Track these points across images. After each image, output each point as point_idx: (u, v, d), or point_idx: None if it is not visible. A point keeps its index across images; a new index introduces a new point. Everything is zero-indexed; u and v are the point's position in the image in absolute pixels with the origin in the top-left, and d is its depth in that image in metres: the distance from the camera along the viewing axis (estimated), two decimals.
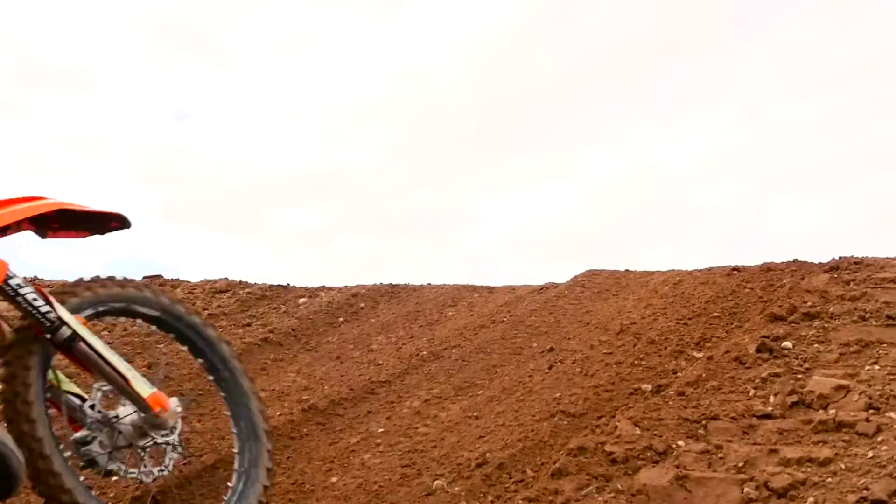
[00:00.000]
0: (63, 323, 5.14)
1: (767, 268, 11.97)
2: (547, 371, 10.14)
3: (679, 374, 9.11)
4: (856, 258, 11.18)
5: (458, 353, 11.52)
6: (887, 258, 11.05)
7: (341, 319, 14.03)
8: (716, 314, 10.66)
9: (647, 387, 8.93)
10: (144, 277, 15.52)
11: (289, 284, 15.68)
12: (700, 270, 12.66)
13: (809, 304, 9.90)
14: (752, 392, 8.09)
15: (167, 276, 15.82)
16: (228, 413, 6.37)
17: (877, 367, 8.16)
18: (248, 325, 13.67)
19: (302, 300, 14.80)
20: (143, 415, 5.41)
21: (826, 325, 9.35)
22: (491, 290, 14.82)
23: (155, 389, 5.51)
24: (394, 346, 12.44)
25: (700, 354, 9.46)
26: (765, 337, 9.05)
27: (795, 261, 12.05)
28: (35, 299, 5.07)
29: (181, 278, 16.23)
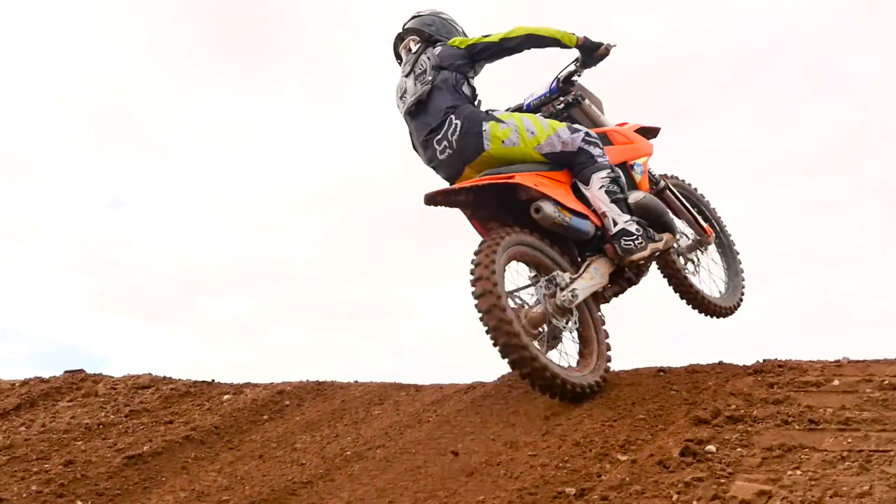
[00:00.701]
0: None
1: (693, 369, 12.01)
2: (470, 474, 10.03)
3: (603, 477, 9.04)
4: (779, 361, 11.25)
5: (382, 453, 11.36)
6: (810, 361, 11.13)
7: (265, 417, 13.85)
8: (641, 416, 10.64)
9: (571, 490, 8.84)
10: (66, 372, 15.29)
11: (213, 380, 15.51)
12: (627, 371, 12.66)
13: (733, 406, 9.92)
14: (675, 497, 8.03)
15: (93, 368, 15.62)
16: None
17: (798, 472, 8.15)
18: (171, 422, 13.45)
19: (226, 397, 14.62)
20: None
21: (749, 428, 9.36)
22: (418, 388, 14.71)
23: None
24: (318, 445, 12.27)
25: (624, 457, 9.41)
26: (689, 440, 9.04)
27: (720, 363, 12.09)
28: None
29: (104, 373, 16.01)
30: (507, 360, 6.56)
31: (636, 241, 7.35)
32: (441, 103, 7.02)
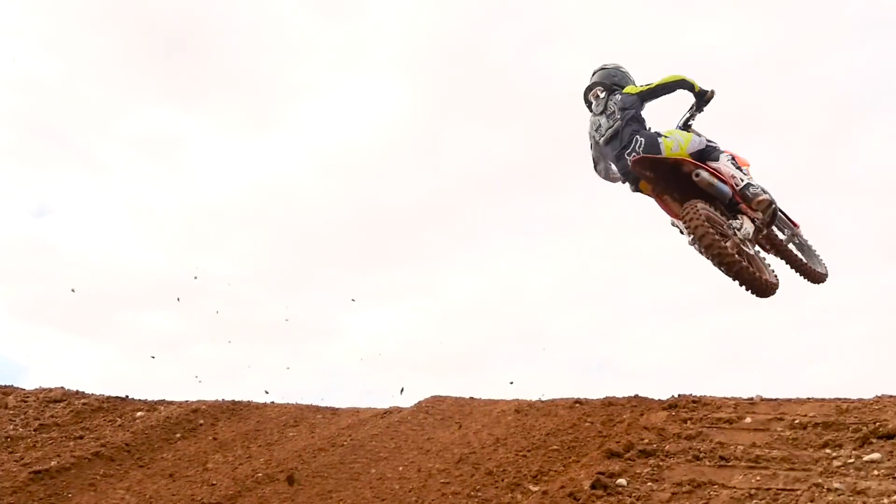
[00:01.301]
0: None
1: (608, 402, 12.06)
2: (382, 500, 9.97)
3: None
4: (694, 397, 11.32)
5: (294, 476, 11.24)
6: (724, 398, 11.22)
7: (178, 435, 13.63)
8: (555, 447, 10.66)
9: None
10: None
11: (127, 396, 15.25)
12: (543, 401, 12.69)
13: (646, 441, 9.97)
14: None
15: (13, 378, 15.38)
16: None
17: None
18: (81, 437, 13.20)
19: (139, 413, 14.37)
20: None
21: (661, 463, 9.41)
22: (335, 411, 14.58)
23: None
24: (230, 465, 12.11)
25: (536, 488, 9.42)
26: (600, 473, 9.06)
27: (636, 396, 12.16)
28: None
29: (20, 384, 15.70)
30: (732, 271, 9.05)
31: (757, 189, 9.56)
32: (628, 131, 9.53)
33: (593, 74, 10.05)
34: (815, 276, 10.98)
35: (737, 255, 9.14)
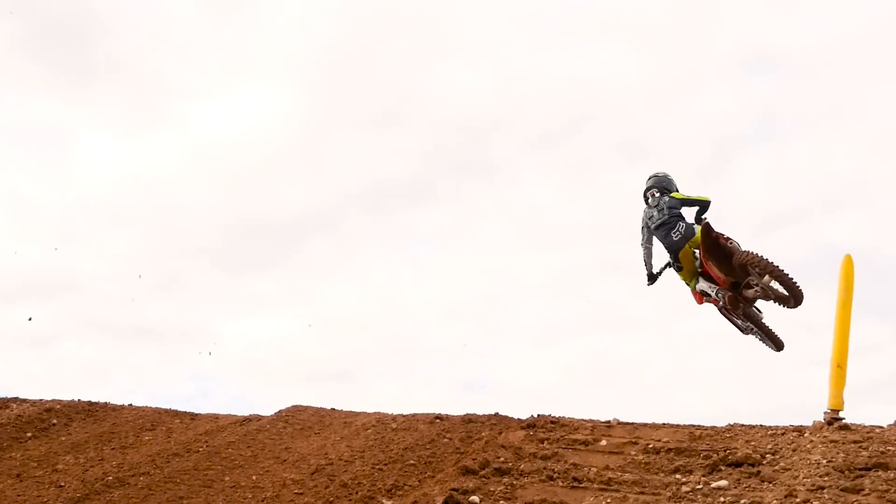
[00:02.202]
0: None
1: (469, 419, 12.08)
2: None
3: None
4: (552, 417, 11.42)
5: (145, 481, 11.01)
6: (582, 420, 11.35)
7: (29, 435, 13.25)
8: (412, 462, 10.63)
9: None
10: None
11: None
12: (404, 416, 12.66)
13: (502, 459, 10.01)
14: None
15: None
16: None
17: None
18: None
19: None
20: None
21: (515, 482, 9.45)
22: (193, 416, 14.34)
23: None
24: (81, 467, 11.80)
25: (389, 502, 9.37)
26: (454, 490, 9.05)
27: (496, 414, 12.21)
28: None
29: None
30: (789, 279, 10.58)
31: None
32: (673, 221, 11.88)
33: (649, 179, 12.39)
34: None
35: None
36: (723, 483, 8.89)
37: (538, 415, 11.63)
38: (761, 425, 10.79)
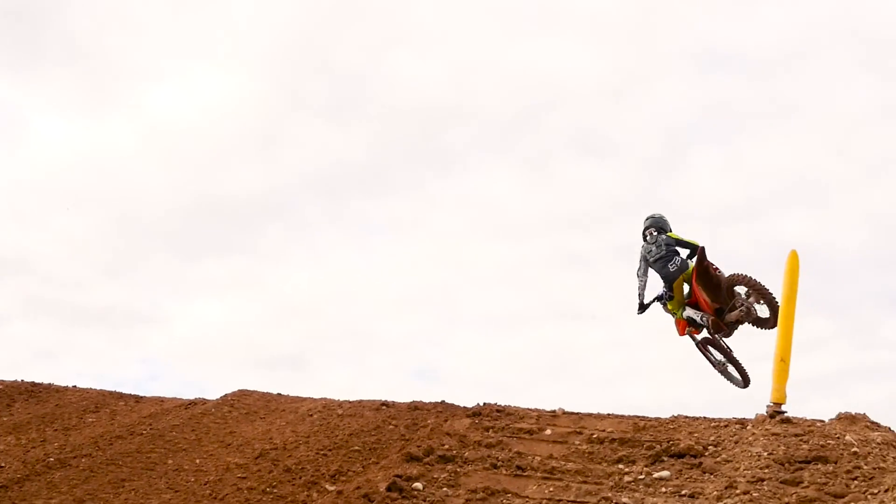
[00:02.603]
0: None
1: (415, 406, 12.08)
2: (175, 492, 9.75)
3: None
4: (498, 406, 11.44)
5: (87, 462, 10.89)
6: (528, 409, 11.38)
7: None
8: (357, 448, 10.61)
9: None
10: None
11: None
12: (350, 402, 12.64)
13: (447, 446, 10.01)
14: None
15: None
16: None
17: None
18: None
19: None
20: None
21: (459, 469, 9.46)
22: (138, 399, 14.22)
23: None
24: (22, 448, 11.66)
25: (332, 487, 9.35)
26: (398, 476, 9.05)
27: (443, 402, 12.22)
28: None
29: None
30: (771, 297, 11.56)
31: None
32: (670, 256, 13.02)
33: (647, 219, 13.67)
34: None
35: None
36: (665, 474, 8.97)
37: (484, 403, 11.65)
38: (705, 417, 10.88)
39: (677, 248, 13.55)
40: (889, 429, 9.81)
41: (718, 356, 13.02)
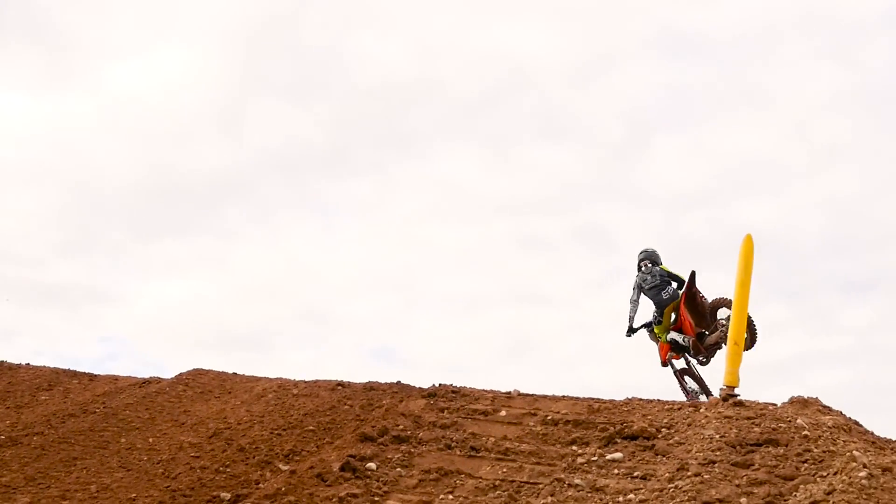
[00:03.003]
0: None
1: (370, 387, 12.05)
2: (128, 471, 9.69)
3: (261, 485, 8.93)
4: (454, 387, 11.42)
5: (39, 440, 10.81)
6: (483, 390, 11.37)
7: None
8: (311, 428, 10.59)
9: (227, 496, 8.70)
10: None
11: None
12: (306, 382, 12.58)
13: (401, 427, 10.01)
14: None
15: None
16: None
17: (451, 496, 8.31)
18: None
19: None
20: None
21: (413, 449, 9.46)
22: (92, 378, 14.11)
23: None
24: None
25: (286, 467, 9.33)
26: (351, 456, 9.05)
27: (398, 382, 12.19)
28: None
29: None
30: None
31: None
32: (663, 285, 14.53)
33: (642, 253, 15.21)
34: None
35: None
36: (617, 455, 9.01)
37: (439, 384, 11.64)
38: (659, 400, 10.94)
39: (669, 279, 15.10)
40: (840, 412, 9.89)
41: (693, 385, 14.64)
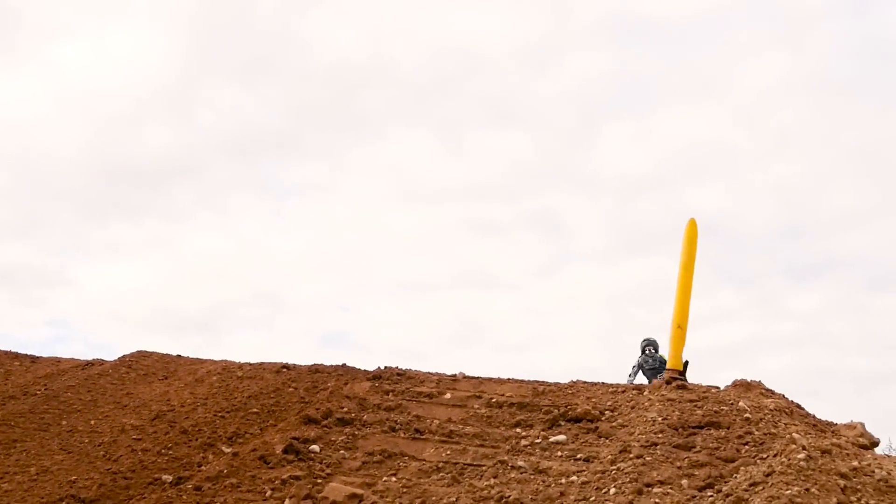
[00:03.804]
0: None
1: (316, 369, 12.00)
2: (68, 453, 9.59)
3: (203, 467, 8.87)
4: (399, 370, 11.42)
5: None
6: (428, 373, 11.38)
7: None
8: (255, 410, 10.53)
9: (168, 478, 8.62)
10: None
11: None
12: (251, 364, 12.51)
13: (346, 409, 9.99)
14: (269, 493, 7.98)
15: None
16: None
17: (394, 478, 8.29)
18: None
19: None
20: None
21: (357, 432, 9.45)
22: (34, 359, 13.94)
23: None
24: None
25: (229, 450, 9.26)
26: (294, 438, 9.02)
27: (344, 365, 12.14)
28: None
29: None
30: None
31: None
32: (660, 367, 15.33)
33: (644, 340, 16.77)
34: None
35: None
36: (561, 438, 9.05)
37: (385, 367, 11.62)
38: (603, 383, 11.02)
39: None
40: (783, 396, 10.00)
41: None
